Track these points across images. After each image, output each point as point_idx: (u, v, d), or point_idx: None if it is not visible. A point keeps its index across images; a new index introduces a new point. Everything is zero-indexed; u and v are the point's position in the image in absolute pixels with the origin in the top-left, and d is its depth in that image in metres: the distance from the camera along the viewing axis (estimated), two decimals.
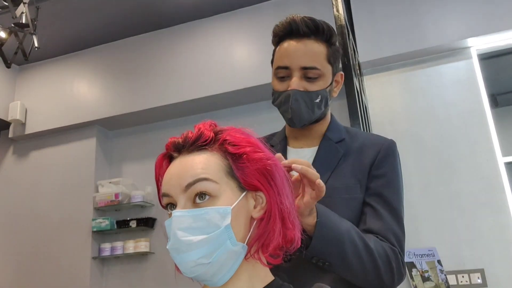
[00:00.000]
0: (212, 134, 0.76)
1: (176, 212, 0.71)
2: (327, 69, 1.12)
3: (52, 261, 3.70)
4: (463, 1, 3.08)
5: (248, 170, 0.75)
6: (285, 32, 1.13)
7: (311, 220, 0.94)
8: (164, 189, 0.75)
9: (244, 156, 0.75)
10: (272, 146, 1.20)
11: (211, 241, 0.69)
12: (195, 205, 0.72)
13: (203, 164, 0.73)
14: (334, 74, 1.16)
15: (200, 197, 0.72)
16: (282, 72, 1.12)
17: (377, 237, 1.03)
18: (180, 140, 0.77)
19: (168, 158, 0.80)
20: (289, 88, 1.10)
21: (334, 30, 1.14)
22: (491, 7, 2.99)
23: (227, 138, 0.76)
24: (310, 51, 1.09)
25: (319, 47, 1.11)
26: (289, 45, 1.11)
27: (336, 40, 1.15)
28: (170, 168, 0.76)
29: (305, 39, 1.10)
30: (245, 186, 0.75)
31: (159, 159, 0.80)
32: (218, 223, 0.70)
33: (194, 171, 0.72)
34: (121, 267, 3.73)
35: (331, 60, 1.13)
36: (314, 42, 1.10)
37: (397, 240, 1.04)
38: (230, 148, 0.75)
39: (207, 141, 0.76)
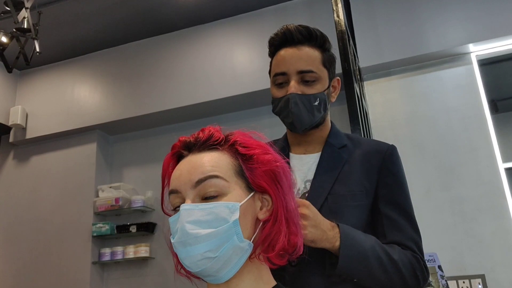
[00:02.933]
0: (222, 135, 0.78)
1: (185, 206, 0.72)
2: (323, 72, 1.15)
3: (52, 266, 3.69)
4: (463, 7, 3.09)
5: (257, 171, 0.76)
6: (281, 42, 1.17)
7: (337, 238, 0.98)
8: (173, 185, 0.76)
9: (254, 157, 0.76)
10: None
11: (218, 235, 0.70)
12: (203, 201, 0.73)
13: (214, 162, 0.75)
14: (330, 79, 1.19)
15: (209, 194, 0.73)
16: (280, 79, 1.15)
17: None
18: (192, 139, 0.78)
19: (176, 158, 0.80)
20: (287, 93, 1.12)
21: (327, 37, 1.18)
22: (491, 13, 3.01)
23: (237, 139, 0.78)
24: (306, 56, 1.13)
25: (314, 52, 1.14)
26: (285, 52, 1.15)
27: (330, 47, 1.19)
28: (180, 165, 0.77)
29: (300, 45, 1.14)
30: (253, 186, 0.76)
31: (167, 158, 0.81)
32: (227, 217, 0.71)
33: (204, 168, 0.74)
34: (121, 272, 3.72)
35: (327, 64, 1.16)
36: (308, 48, 1.14)
37: (417, 246, 1.10)
38: (241, 149, 0.77)
39: (218, 141, 0.77)
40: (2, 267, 3.89)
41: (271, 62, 1.20)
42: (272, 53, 1.20)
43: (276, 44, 1.18)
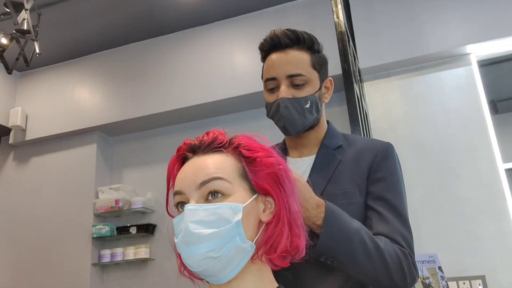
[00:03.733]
0: (226, 138, 0.80)
1: (189, 206, 0.73)
2: (313, 75, 1.16)
3: (52, 268, 3.69)
4: (463, 8, 3.09)
5: (260, 174, 0.77)
6: (269, 47, 1.18)
7: (319, 218, 0.96)
8: (177, 186, 0.77)
9: (258, 160, 0.78)
10: None
11: (221, 235, 0.71)
12: (207, 201, 0.74)
13: (218, 164, 0.76)
14: (322, 81, 1.19)
15: (213, 195, 0.74)
16: (270, 84, 1.17)
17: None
18: (196, 141, 0.80)
19: (181, 160, 0.82)
20: (278, 97, 1.14)
21: (315, 39, 1.19)
22: (491, 14, 3.01)
23: (241, 142, 0.79)
24: (294, 59, 1.14)
25: (302, 55, 1.15)
26: (274, 57, 1.16)
27: (320, 48, 1.20)
28: (185, 167, 0.78)
29: (288, 50, 1.15)
30: (256, 189, 0.77)
31: (172, 160, 0.82)
32: (230, 218, 0.72)
33: (209, 170, 0.75)
34: (121, 274, 3.72)
35: (316, 66, 1.17)
36: (296, 51, 1.15)
37: (406, 242, 1.05)
38: (245, 152, 0.78)
39: (222, 144, 0.79)
40: (2, 268, 3.89)
41: (263, 67, 1.22)
42: (263, 58, 1.22)
43: (266, 50, 1.20)
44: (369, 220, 1.08)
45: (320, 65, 1.18)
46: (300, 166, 1.18)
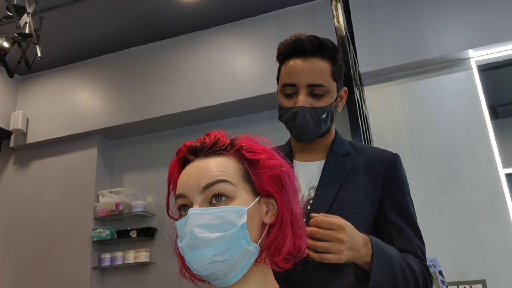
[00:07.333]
0: (228, 140, 0.79)
1: (193, 210, 0.72)
2: (332, 85, 1.15)
3: (52, 271, 3.68)
4: (463, 12, 3.10)
5: (263, 176, 0.77)
6: (291, 51, 1.16)
7: (368, 255, 0.99)
8: (180, 189, 0.76)
9: (260, 162, 0.78)
10: None
11: (227, 239, 0.71)
12: (211, 205, 0.74)
13: (221, 167, 0.76)
14: (338, 90, 1.19)
15: (217, 198, 0.73)
16: (289, 90, 1.15)
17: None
18: (198, 144, 0.79)
19: (181, 163, 0.81)
20: (296, 105, 1.13)
21: (338, 48, 1.17)
22: (491, 19, 3.02)
23: (243, 144, 0.79)
24: (316, 69, 1.13)
25: (324, 65, 1.14)
26: (295, 63, 1.14)
27: (341, 57, 1.18)
28: (187, 169, 0.78)
29: (311, 57, 1.13)
30: (259, 191, 0.77)
31: (173, 162, 0.81)
32: (235, 221, 0.72)
33: (212, 173, 0.74)
34: (121, 278, 3.72)
35: (336, 76, 1.16)
36: (319, 60, 1.13)
37: (423, 255, 1.13)
38: (247, 154, 0.78)
39: (224, 146, 0.78)
40: (2, 271, 3.88)
41: (279, 69, 1.20)
42: (281, 61, 1.19)
43: (286, 53, 1.17)
44: (389, 235, 1.11)
45: (339, 75, 1.18)
46: (309, 170, 1.18)
